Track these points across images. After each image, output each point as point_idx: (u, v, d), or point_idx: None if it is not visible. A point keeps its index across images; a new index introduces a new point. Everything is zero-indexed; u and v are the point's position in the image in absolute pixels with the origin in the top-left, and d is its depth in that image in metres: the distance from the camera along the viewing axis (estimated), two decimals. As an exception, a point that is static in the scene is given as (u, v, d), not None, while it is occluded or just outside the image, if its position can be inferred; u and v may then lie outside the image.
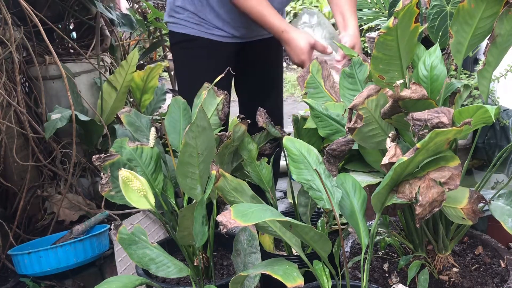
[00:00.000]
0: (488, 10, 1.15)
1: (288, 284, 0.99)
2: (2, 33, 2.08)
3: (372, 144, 1.23)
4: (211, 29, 1.73)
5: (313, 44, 1.53)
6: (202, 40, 1.74)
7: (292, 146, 1.22)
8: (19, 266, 1.90)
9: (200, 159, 1.22)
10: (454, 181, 1.02)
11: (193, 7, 1.72)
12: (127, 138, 1.44)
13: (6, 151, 2.11)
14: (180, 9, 1.73)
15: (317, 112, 1.34)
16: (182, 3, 1.73)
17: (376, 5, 2.79)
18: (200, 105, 1.17)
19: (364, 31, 4.00)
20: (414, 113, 1.04)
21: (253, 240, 1.31)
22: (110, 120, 2.44)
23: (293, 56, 1.56)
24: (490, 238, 1.48)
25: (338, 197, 1.15)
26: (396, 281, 1.35)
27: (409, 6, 1.05)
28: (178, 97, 1.55)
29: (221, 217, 0.91)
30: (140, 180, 1.19)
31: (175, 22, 1.76)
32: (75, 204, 2.26)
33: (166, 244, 1.58)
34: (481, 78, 1.23)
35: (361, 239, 1.13)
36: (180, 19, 1.74)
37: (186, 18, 1.73)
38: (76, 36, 2.77)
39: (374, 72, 1.18)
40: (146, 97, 2.66)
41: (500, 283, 1.30)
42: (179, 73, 1.87)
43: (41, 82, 2.25)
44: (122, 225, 1.25)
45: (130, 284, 1.18)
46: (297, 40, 1.53)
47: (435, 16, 1.64)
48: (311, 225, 1.22)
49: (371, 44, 3.06)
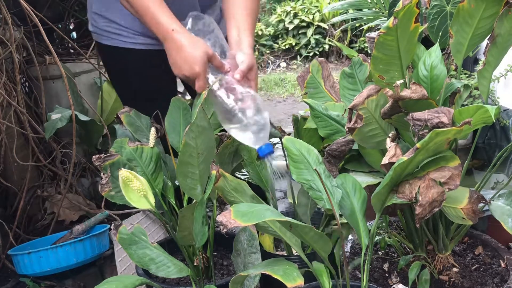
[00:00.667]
0: (488, 10, 1.15)
1: (288, 284, 0.99)
2: (2, 33, 2.08)
3: (372, 144, 1.23)
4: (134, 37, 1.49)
5: (210, 56, 1.23)
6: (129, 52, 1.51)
7: (292, 146, 1.22)
8: (19, 266, 1.90)
9: (200, 159, 1.22)
10: (454, 181, 1.02)
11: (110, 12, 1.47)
12: (127, 138, 1.44)
13: (6, 151, 2.11)
14: (97, 16, 1.50)
15: (317, 112, 1.34)
16: (98, 8, 1.50)
17: (376, 5, 2.79)
18: (200, 105, 1.16)
19: (364, 31, 4.00)
20: (414, 113, 1.04)
21: (253, 240, 1.31)
22: (110, 120, 2.44)
23: (182, 65, 1.23)
24: (490, 238, 1.48)
25: (338, 197, 1.15)
26: (396, 281, 1.35)
27: (409, 6, 1.05)
28: (178, 97, 1.55)
29: (221, 217, 0.91)
30: (140, 180, 1.19)
31: (96, 32, 1.53)
32: (75, 204, 2.26)
33: (166, 244, 1.58)
34: (481, 78, 1.23)
35: (361, 239, 1.13)
36: (99, 28, 1.51)
37: (105, 27, 1.49)
38: (76, 36, 2.77)
39: (374, 72, 1.18)
40: (146, 97, 2.66)
41: (500, 283, 1.30)
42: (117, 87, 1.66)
43: (41, 82, 2.24)
44: (122, 225, 1.25)
45: (130, 284, 1.18)
46: (191, 46, 1.21)
47: (435, 16, 1.64)
48: (311, 225, 1.22)
49: (371, 44, 3.06)
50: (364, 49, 6.12)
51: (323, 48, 6.45)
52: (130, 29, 1.48)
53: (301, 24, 6.46)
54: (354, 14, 3.19)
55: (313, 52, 6.45)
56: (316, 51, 6.46)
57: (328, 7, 4.18)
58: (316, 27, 6.45)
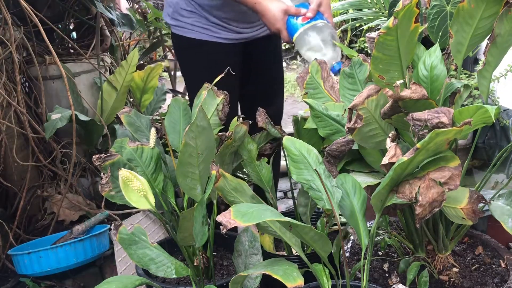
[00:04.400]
0: (488, 10, 1.15)
1: (288, 284, 0.99)
2: (2, 33, 2.08)
3: (372, 144, 1.23)
4: (219, 31, 1.71)
5: (285, 10, 1.52)
6: (211, 45, 1.72)
7: (292, 146, 1.22)
8: (19, 266, 1.90)
9: (200, 159, 1.22)
10: (454, 181, 1.02)
11: (200, 9, 1.69)
12: (127, 138, 1.44)
13: (6, 151, 2.11)
14: (187, 12, 1.71)
15: (317, 112, 1.34)
16: (189, 6, 1.70)
17: (376, 5, 2.79)
18: (200, 105, 1.16)
19: (364, 31, 4.00)
20: (414, 113, 1.04)
21: (255, 241, 1.30)
22: (110, 120, 2.44)
23: (269, 26, 1.55)
24: (490, 238, 1.48)
25: (338, 197, 1.15)
26: (396, 281, 1.35)
27: (409, 6, 1.05)
28: (178, 97, 1.55)
29: (221, 217, 0.91)
30: (140, 180, 1.19)
31: (181, 26, 1.73)
32: (75, 204, 2.26)
33: (166, 244, 1.58)
34: (481, 78, 1.23)
35: (361, 239, 1.13)
36: (187, 23, 1.71)
37: (193, 22, 1.70)
38: (76, 36, 2.77)
39: (374, 72, 1.18)
40: (146, 97, 2.66)
41: (500, 283, 1.30)
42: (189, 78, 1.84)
43: (41, 82, 2.24)
44: (122, 225, 1.25)
45: (130, 284, 1.17)
46: (269, 9, 1.52)
47: (435, 16, 1.64)
48: (311, 225, 1.22)
49: (371, 44, 3.06)
50: (364, 49, 6.11)
51: (323, 48, 6.44)
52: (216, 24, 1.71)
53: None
54: (354, 14, 3.18)
55: (313, 52, 6.44)
56: (316, 51, 6.45)
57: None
58: (316, 27, 6.44)
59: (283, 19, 1.52)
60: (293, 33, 1.52)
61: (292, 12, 1.52)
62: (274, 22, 1.53)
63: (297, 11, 1.53)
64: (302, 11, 1.53)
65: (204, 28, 1.71)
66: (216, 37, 1.72)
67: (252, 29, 1.78)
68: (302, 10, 1.53)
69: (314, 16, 1.52)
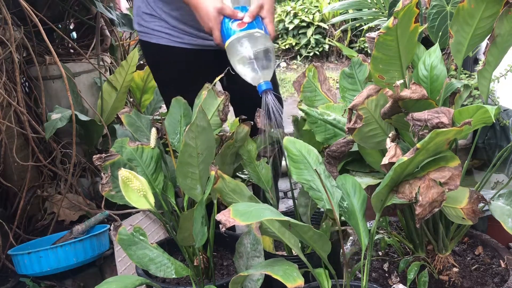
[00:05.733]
0: (488, 10, 1.15)
1: (288, 285, 0.99)
2: (2, 33, 2.08)
3: (372, 144, 1.23)
4: (181, 36, 1.58)
5: (220, 9, 1.35)
6: (177, 51, 1.59)
7: (292, 146, 1.22)
8: (19, 266, 1.90)
9: (200, 159, 1.22)
10: (454, 181, 1.02)
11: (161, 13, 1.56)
12: (127, 138, 1.44)
13: (6, 151, 2.11)
14: (147, 16, 1.57)
15: (313, 118, 1.34)
16: (148, 8, 1.57)
17: (376, 5, 2.79)
18: (200, 105, 1.17)
19: (364, 31, 4.00)
20: (414, 113, 1.04)
21: (258, 244, 1.29)
22: (110, 120, 2.44)
23: (202, 23, 1.39)
24: (490, 238, 1.48)
25: (337, 197, 1.15)
26: (396, 281, 1.35)
27: (409, 6, 1.05)
28: (179, 97, 1.55)
29: (221, 215, 0.91)
30: (140, 180, 1.19)
31: (145, 32, 1.60)
32: (75, 204, 2.26)
33: (166, 244, 1.58)
34: (481, 78, 1.23)
35: (361, 239, 1.13)
36: (149, 27, 1.59)
37: (154, 26, 1.57)
38: (76, 36, 2.77)
39: (374, 72, 1.18)
40: (146, 97, 2.66)
41: (500, 283, 1.30)
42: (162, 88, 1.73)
43: (41, 82, 2.24)
44: (122, 226, 1.25)
45: (130, 284, 1.18)
46: (202, 5, 1.36)
47: (435, 16, 1.64)
48: (311, 225, 1.22)
49: (371, 44, 3.06)
50: (364, 49, 6.12)
51: (323, 48, 6.45)
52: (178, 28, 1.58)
53: (301, 24, 6.46)
54: (354, 14, 3.19)
55: (313, 52, 6.45)
56: (316, 51, 6.46)
57: (328, 7, 4.17)
58: (316, 27, 6.45)
59: (217, 19, 1.36)
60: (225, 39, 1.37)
61: (227, 13, 1.36)
62: (207, 21, 1.37)
63: (232, 13, 1.36)
64: (239, 15, 1.36)
65: (165, 33, 1.58)
66: (179, 42, 1.59)
67: None
68: (239, 14, 1.37)
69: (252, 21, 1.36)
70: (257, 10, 1.36)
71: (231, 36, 1.35)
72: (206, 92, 1.40)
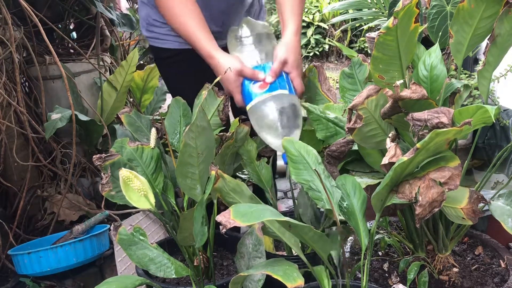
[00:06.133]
0: (488, 10, 1.15)
1: (288, 285, 0.99)
2: (2, 33, 2.08)
3: (372, 144, 1.23)
4: None
5: (239, 71, 1.31)
6: (187, 52, 1.58)
7: (291, 147, 1.22)
8: (19, 266, 1.90)
9: (200, 160, 1.22)
10: (454, 181, 1.02)
11: None
12: (127, 138, 1.44)
13: (6, 151, 2.11)
14: (159, 23, 1.61)
15: (315, 115, 1.34)
16: (160, 17, 1.58)
17: (376, 5, 2.79)
18: (200, 105, 1.16)
19: (364, 31, 3.99)
20: (414, 113, 1.04)
21: (259, 245, 1.29)
22: (110, 120, 2.44)
23: (223, 85, 1.38)
24: (490, 238, 1.48)
25: (337, 197, 1.15)
26: (396, 281, 1.35)
27: (409, 6, 1.05)
28: (179, 97, 1.55)
29: (221, 217, 0.91)
30: (140, 180, 1.19)
31: (155, 37, 1.63)
32: (75, 204, 2.26)
33: (166, 244, 1.59)
34: (481, 78, 1.23)
35: (361, 239, 1.13)
36: (160, 33, 1.62)
37: (166, 32, 1.60)
38: (76, 36, 2.77)
39: (374, 72, 1.18)
40: (146, 97, 2.66)
41: (500, 283, 1.30)
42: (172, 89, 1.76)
43: (41, 82, 2.24)
44: (122, 226, 1.25)
45: (130, 284, 1.18)
46: (221, 66, 1.33)
47: (435, 16, 1.64)
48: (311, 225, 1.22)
49: (371, 44, 3.06)
50: (364, 49, 6.12)
51: (323, 48, 6.45)
52: None
53: (301, 24, 6.46)
54: (354, 14, 3.19)
55: (313, 52, 6.45)
56: (316, 51, 6.46)
57: (328, 7, 4.18)
58: (316, 27, 6.45)
59: (236, 81, 1.32)
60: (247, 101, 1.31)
61: (247, 75, 1.31)
62: (227, 83, 1.34)
63: (253, 75, 1.30)
64: (260, 76, 1.29)
65: (176, 36, 1.59)
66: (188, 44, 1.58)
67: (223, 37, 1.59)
68: (260, 74, 1.29)
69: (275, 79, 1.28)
70: (279, 67, 1.30)
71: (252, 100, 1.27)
72: (206, 92, 1.40)
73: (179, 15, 1.41)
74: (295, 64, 1.34)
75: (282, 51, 1.34)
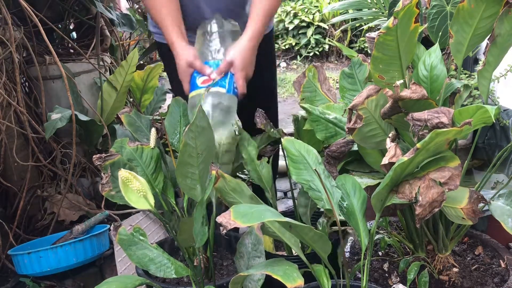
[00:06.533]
0: (488, 10, 1.15)
1: (288, 285, 0.99)
2: (2, 33, 2.08)
3: (372, 144, 1.23)
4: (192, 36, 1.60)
5: (190, 63, 1.41)
6: None
7: (291, 146, 1.22)
8: (19, 266, 1.90)
9: (199, 160, 1.22)
10: (454, 181, 1.02)
11: None
12: (127, 138, 1.44)
13: (6, 151, 2.11)
14: None
15: (315, 116, 1.34)
16: None
17: (376, 5, 2.79)
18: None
19: (364, 31, 3.99)
20: (414, 113, 1.04)
21: (259, 244, 1.29)
22: (110, 120, 2.44)
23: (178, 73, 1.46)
24: (490, 238, 1.48)
25: (337, 197, 1.15)
26: (396, 281, 1.35)
27: (409, 6, 1.05)
28: (179, 97, 1.55)
29: (221, 218, 0.91)
30: (139, 181, 1.19)
31: (160, 33, 1.64)
32: (75, 204, 2.26)
33: (166, 244, 1.59)
34: (481, 78, 1.23)
35: (361, 239, 1.13)
36: None
37: None
38: (76, 36, 2.77)
39: (374, 72, 1.18)
40: (146, 97, 2.66)
41: (500, 283, 1.30)
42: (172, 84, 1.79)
43: (41, 82, 2.24)
44: (122, 226, 1.25)
45: (130, 284, 1.18)
46: (178, 55, 1.44)
47: (435, 16, 1.64)
48: (311, 225, 1.22)
49: (371, 44, 3.06)
50: (364, 49, 6.12)
51: (323, 48, 6.45)
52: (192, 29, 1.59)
53: (301, 24, 6.46)
54: (354, 14, 3.19)
55: (313, 52, 6.45)
56: (316, 51, 6.45)
57: (328, 7, 4.18)
58: (316, 27, 6.44)
59: (187, 72, 1.42)
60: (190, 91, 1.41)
61: (196, 67, 1.40)
62: (179, 71, 1.44)
63: (201, 68, 1.40)
64: (207, 71, 1.38)
65: None
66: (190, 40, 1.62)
67: None
68: (207, 69, 1.38)
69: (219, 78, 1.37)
70: (226, 66, 1.38)
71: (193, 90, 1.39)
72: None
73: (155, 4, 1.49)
74: (240, 67, 1.40)
75: (232, 53, 1.41)
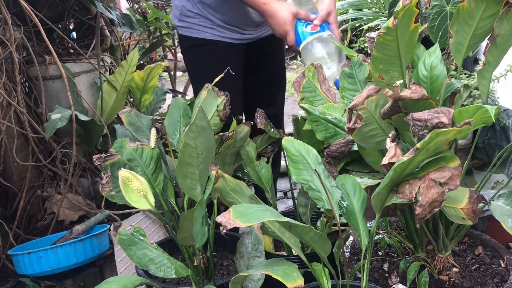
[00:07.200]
0: (488, 10, 1.15)
1: (288, 285, 0.99)
2: (2, 33, 2.08)
3: (372, 144, 1.23)
4: (223, 31, 1.75)
5: (295, 13, 1.52)
6: (216, 44, 1.75)
7: (291, 146, 1.22)
8: (19, 266, 1.90)
9: (199, 159, 1.22)
10: (454, 181, 1.02)
11: (205, 11, 1.73)
12: (127, 138, 1.44)
13: (6, 151, 2.11)
14: (193, 13, 1.75)
15: (314, 116, 1.34)
16: (195, 8, 1.74)
17: (376, 5, 2.79)
18: (199, 105, 1.16)
19: (364, 31, 3.99)
20: (414, 113, 1.04)
21: (259, 244, 1.30)
22: (110, 120, 2.44)
23: (276, 28, 1.55)
24: (490, 238, 1.48)
25: (337, 197, 1.15)
26: (396, 281, 1.35)
27: (409, 6, 1.05)
28: (178, 98, 1.55)
29: (221, 217, 0.91)
30: (140, 180, 1.19)
31: (188, 27, 1.77)
32: (75, 204, 2.26)
33: (166, 244, 1.59)
34: (481, 78, 1.22)
35: (361, 239, 1.13)
36: (193, 23, 1.75)
37: (199, 22, 1.74)
38: (76, 36, 2.77)
39: (374, 72, 1.18)
40: (146, 97, 2.66)
41: (500, 283, 1.30)
42: (195, 77, 1.87)
43: (41, 82, 2.24)
44: (122, 226, 1.25)
45: (130, 284, 1.18)
46: (279, 10, 1.52)
47: (435, 16, 1.64)
48: (311, 225, 1.22)
49: (371, 44, 3.06)
50: (364, 49, 6.11)
51: (323, 48, 6.44)
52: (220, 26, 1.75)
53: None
54: (354, 14, 3.18)
55: (313, 52, 6.43)
56: (316, 51, 6.44)
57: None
58: (316, 27, 6.43)
59: (292, 22, 1.52)
60: (300, 41, 1.51)
61: (301, 16, 1.52)
62: (283, 24, 1.52)
63: (306, 16, 1.52)
64: (312, 17, 1.52)
65: (209, 28, 1.74)
66: (221, 36, 1.75)
67: (256, 31, 1.81)
68: (312, 16, 1.52)
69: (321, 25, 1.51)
70: (326, 15, 1.54)
71: (306, 38, 1.49)
72: (206, 92, 1.40)
73: None
74: (335, 18, 1.57)
75: (327, 4, 1.56)
